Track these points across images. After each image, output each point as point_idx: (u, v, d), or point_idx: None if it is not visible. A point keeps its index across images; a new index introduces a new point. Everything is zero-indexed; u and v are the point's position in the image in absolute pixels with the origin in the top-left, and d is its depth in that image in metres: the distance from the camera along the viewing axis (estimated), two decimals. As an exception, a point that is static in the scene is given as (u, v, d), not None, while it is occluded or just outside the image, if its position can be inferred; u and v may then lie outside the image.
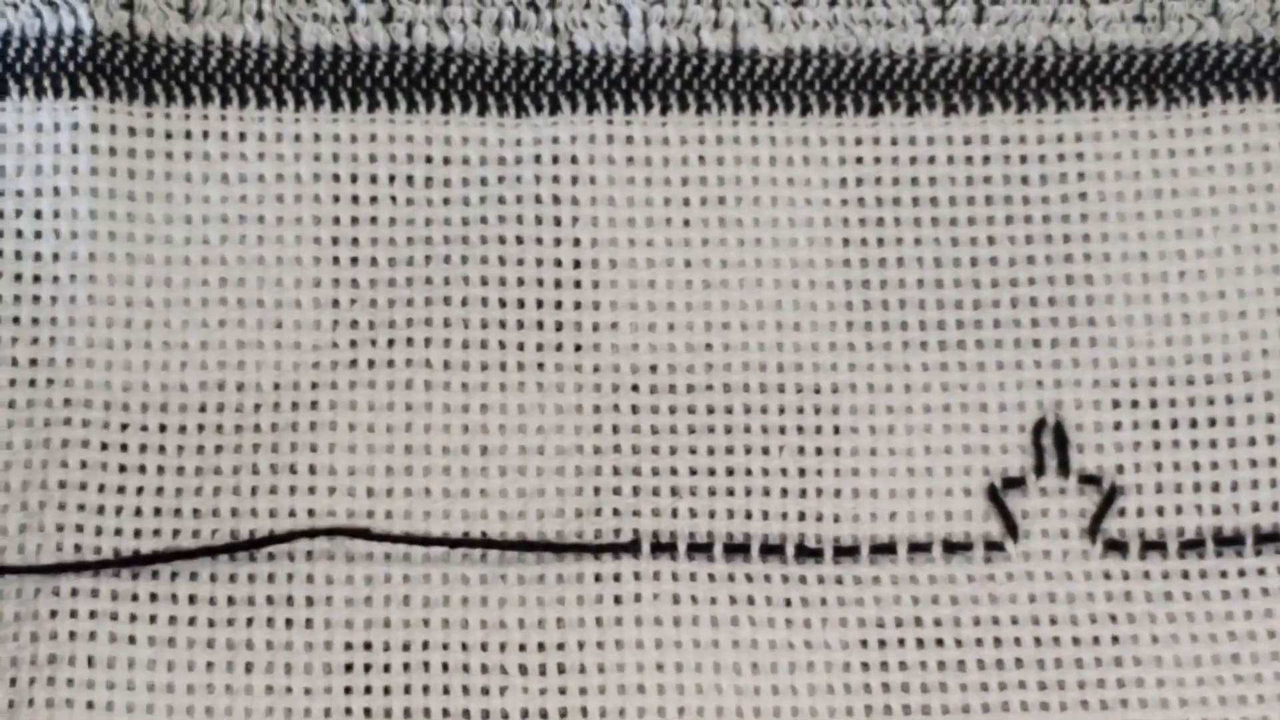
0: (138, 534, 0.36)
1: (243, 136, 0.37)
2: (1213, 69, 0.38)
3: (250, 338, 0.37)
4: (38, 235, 0.36)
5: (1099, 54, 0.38)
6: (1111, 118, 0.38)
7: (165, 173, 0.37)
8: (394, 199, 0.37)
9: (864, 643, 0.36)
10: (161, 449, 0.36)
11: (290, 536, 0.35)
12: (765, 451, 0.37)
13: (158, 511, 0.36)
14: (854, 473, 0.37)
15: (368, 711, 0.35)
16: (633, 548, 0.36)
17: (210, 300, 0.37)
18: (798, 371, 0.37)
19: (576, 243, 0.37)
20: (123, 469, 0.36)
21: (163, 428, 0.36)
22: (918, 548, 0.36)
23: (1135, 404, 0.37)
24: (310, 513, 0.36)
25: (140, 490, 0.36)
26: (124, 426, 0.36)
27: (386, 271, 0.37)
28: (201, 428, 0.36)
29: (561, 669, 0.36)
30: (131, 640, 0.35)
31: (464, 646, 0.36)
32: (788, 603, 0.36)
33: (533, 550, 0.36)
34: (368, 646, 0.36)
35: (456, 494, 0.36)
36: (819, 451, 0.37)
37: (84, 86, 0.37)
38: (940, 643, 0.36)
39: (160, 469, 0.36)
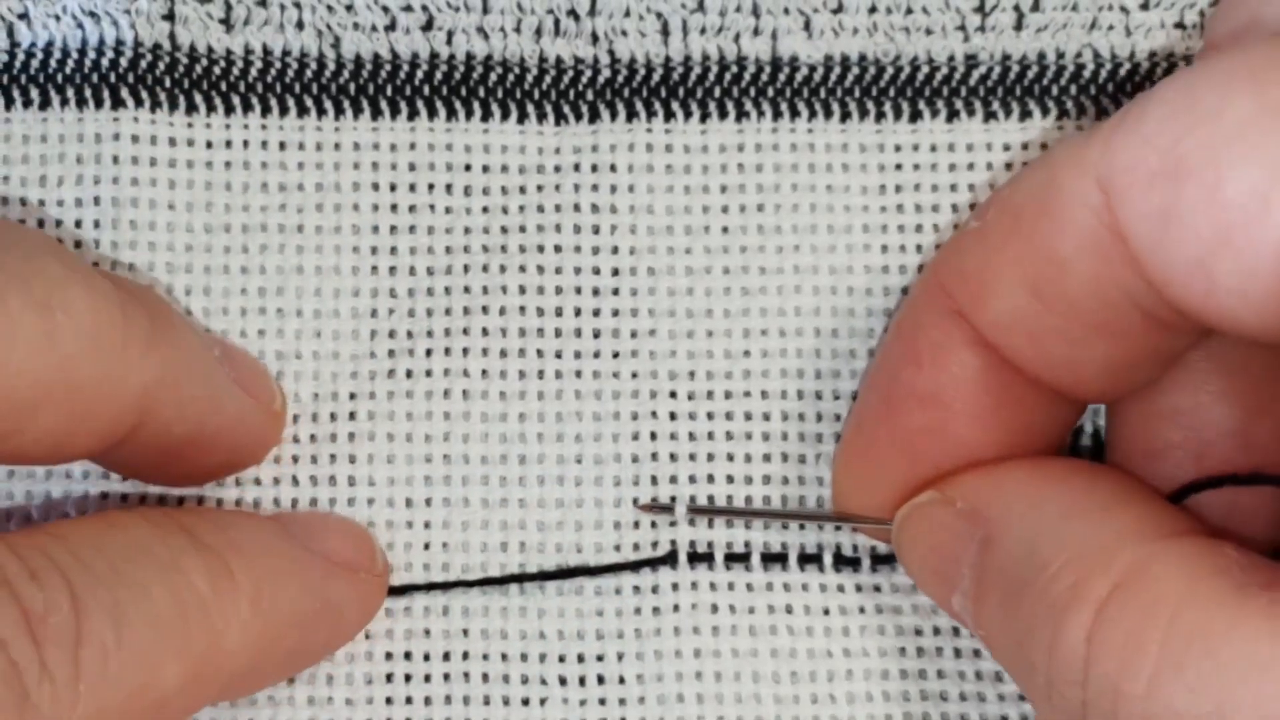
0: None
1: (283, 146, 0.37)
2: None
3: (289, 348, 0.37)
4: (78, 245, 0.36)
5: (1139, 61, 0.38)
6: (1152, 124, 0.38)
7: (206, 183, 0.37)
8: (433, 208, 0.37)
9: (903, 651, 0.36)
10: (201, 458, 0.36)
11: None
12: (802, 460, 0.37)
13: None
14: (891, 481, 0.37)
15: (408, 721, 0.35)
16: (670, 559, 0.36)
17: (249, 310, 0.37)
18: (835, 379, 0.37)
19: (615, 251, 0.37)
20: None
21: (202, 436, 0.36)
22: (955, 556, 0.36)
23: None
24: (349, 523, 0.36)
25: (181, 501, 0.36)
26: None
27: (426, 281, 0.37)
28: (240, 435, 0.36)
29: (601, 680, 0.36)
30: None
31: (504, 657, 0.36)
32: (826, 612, 0.36)
33: (570, 577, 0.36)
34: (408, 657, 0.36)
35: (495, 504, 0.36)
36: (856, 459, 0.37)
37: (125, 97, 0.37)
38: (978, 653, 0.36)
39: (201, 484, 0.36)
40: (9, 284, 0.29)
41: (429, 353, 0.37)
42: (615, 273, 0.37)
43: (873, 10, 0.38)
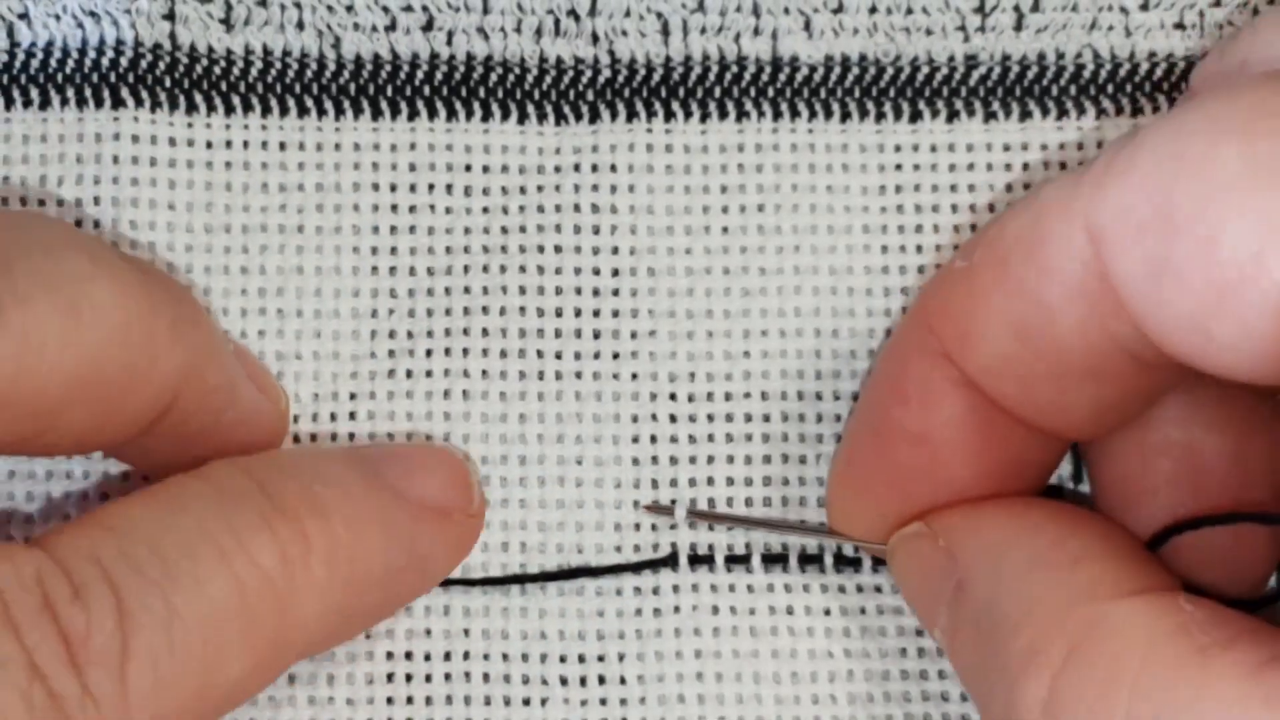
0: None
1: (283, 146, 0.37)
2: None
3: (290, 348, 0.37)
4: (77, 245, 0.36)
5: (1138, 61, 0.38)
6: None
7: (206, 183, 0.37)
8: (433, 208, 0.37)
9: (904, 652, 0.36)
10: (201, 459, 0.36)
11: None
12: (803, 460, 0.37)
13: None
14: (893, 481, 0.37)
15: (409, 722, 0.35)
16: (671, 560, 0.36)
17: (250, 311, 0.37)
18: (835, 379, 0.37)
19: (615, 251, 0.37)
20: (166, 480, 0.36)
21: (202, 437, 0.36)
22: (956, 557, 0.36)
23: None
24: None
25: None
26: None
27: (426, 281, 0.37)
28: (240, 436, 0.36)
29: (602, 680, 0.36)
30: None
31: (505, 657, 0.36)
32: (827, 612, 0.36)
33: (571, 578, 0.36)
34: (409, 656, 0.36)
35: (495, 504, 0.36)
36: (856, 460, 0.37)
37: (125, 97, 0.37)
38: (979, 653, 0.36)
39: None
40: (35, 286, 0.29)
41: (429, 353, 0.37)
42: (615, 273, 0.37)
43: (873, 10, 0.38)
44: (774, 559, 0.36)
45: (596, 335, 0.37)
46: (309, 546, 0.31)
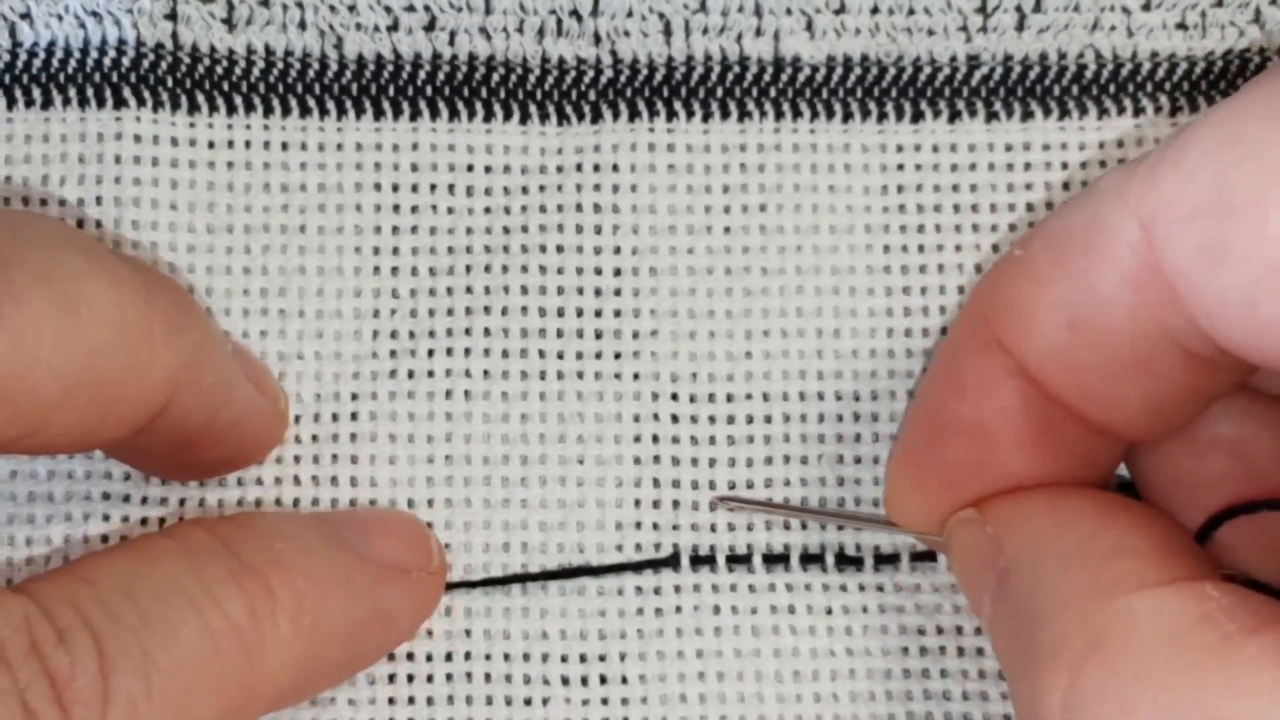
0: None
1: (285, 146, 0.37)
2: (1254, 75, 0.38)
3: (291, 349, 0.37)
4: (79, 245, 0.36)
5: (1140, 61, 0.38)
6: (1154, 124, 0.38)
7: (208, 183, 0.37)
8: (435, 208, 0.37)
9: (905, 650, 0.36)
10: (202, 458, 0.36)
11: None
12: (804, 461, 0.37)
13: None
14: (894, 482, 0.37)
15: (410, 721, 0.35)
16: (672, 561, 0.36)
17: (252, 311, 0.37)
18: (837, 379, 0.37)
19: (617, 251, 0.37)
20: (165, 480, 0.36)
21: (203, 437, 0.36)
22: (958, 556, 0.36)
23: None
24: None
25: (183, 502, 0.36)
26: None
27: (427, 281, 0.37)
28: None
29: (603, 680, 0.36)
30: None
31: (505, 657, 0.36)
32: (829, 611, 0.36)
33: (573, 577, 0.36)
34: (410, 657, 0.36)
35: (497, 504, 0.36)
36: (858, 460, 0.37)
37: (127, 97, 0.37)
38: (981, 652, 0.36)
39: (202, 480, 0.36)
40: (32, 284, 0.29)
41: (431, 353, 0.37)
42: (617, 273, 0.37)
43: (875, 11, 0.38)
44: (775, 559, 0.36)
45: (598, 335, 0.37)
46: (274, 601, 0.31)
